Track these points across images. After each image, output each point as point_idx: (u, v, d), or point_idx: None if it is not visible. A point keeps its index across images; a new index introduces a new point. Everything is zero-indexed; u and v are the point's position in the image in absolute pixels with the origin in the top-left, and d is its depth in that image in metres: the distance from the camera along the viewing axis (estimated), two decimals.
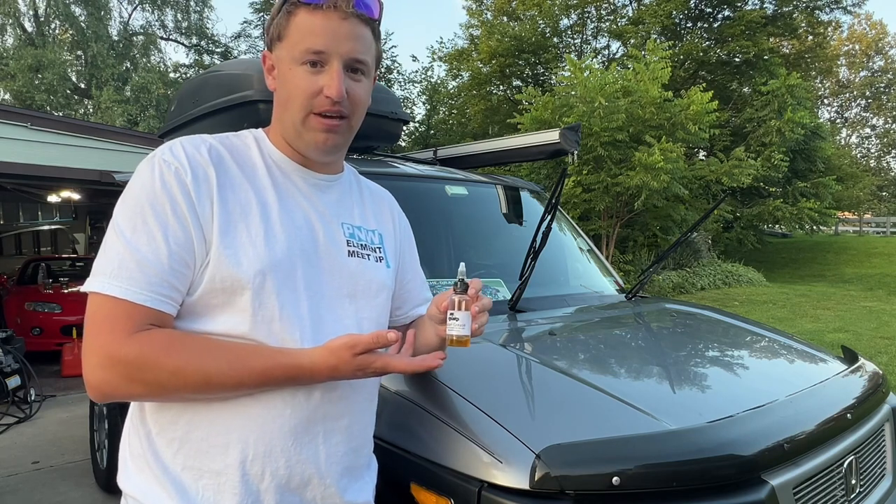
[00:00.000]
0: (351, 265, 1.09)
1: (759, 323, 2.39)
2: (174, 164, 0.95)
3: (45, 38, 20.82)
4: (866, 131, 37.79)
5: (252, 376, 0.93)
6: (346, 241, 1.09)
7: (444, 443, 1.30)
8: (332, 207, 1.10)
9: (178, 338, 0.93)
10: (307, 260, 1.02)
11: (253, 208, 0.99)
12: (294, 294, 1.00)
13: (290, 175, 1.07)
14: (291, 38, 0.99)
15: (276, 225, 1.00)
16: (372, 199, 1.22)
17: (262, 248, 0.97)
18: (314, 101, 0.99)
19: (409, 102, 21.57)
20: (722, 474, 1.23)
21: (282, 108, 1.04)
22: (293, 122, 1.02)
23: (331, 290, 1.05)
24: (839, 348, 2.25)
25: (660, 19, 17.81)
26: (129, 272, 0.90)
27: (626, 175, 10.30)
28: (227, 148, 1.03)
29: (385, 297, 1.16)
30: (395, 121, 2.96)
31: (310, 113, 1.00)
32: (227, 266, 0.94)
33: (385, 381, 1.50)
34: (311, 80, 0.99)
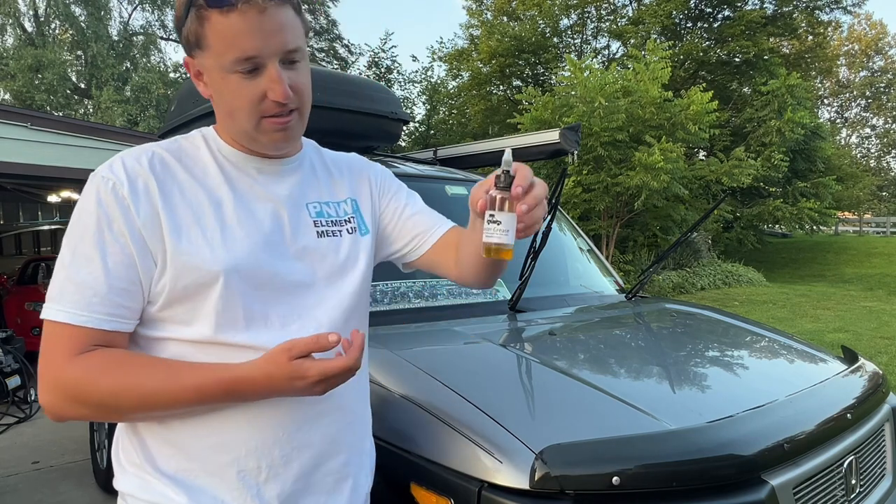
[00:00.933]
0: (322, 246, 1.05)
1: (759, 323, 2.39)
2: (111, 180, 0.92)
3: (45, 38, 20.82)
4: (866, 131, 37.82)
5: (187, 393, 0.90)
6: (314, 222, 1.05)
7: (444, 443, 1.30)
8: (294, 190, 1.05)
9: (118, 358, 0.91)
10: (273, 252, 0.99)
11: (206, 209, 0.96)
12: (260, 291, 0.97)
13: (245, 168, 1.02)
14: (214, 48, 0.91)
15: (234, 222, 0.97)
16: (338, 167, 1.17)
17: (220, 249, 0.94)
18: (261, 106, 0.94)
19: (409, 102, 21.56)
20: (722, 474, 1.23)
21: (227, 117, 0.99)
22: (244, 130, 0.97)
23: (305, 276, 1.01)
24: (839, 348, 2.25)
25: (660, 19, 17.81)
26: (70, 296, 0.89)
27: (626, 175, 10.30)
28: (174, 152, 1.00)
29: (365, 263, 1.10)
30: (395, 121, 2.96)
31: (260, 118, 0.95)
32: (185, 272, 0.92)
33: (385, 381, 1.50)
34: (250, 87, 0.92)
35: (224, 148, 1.03)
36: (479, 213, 0.94)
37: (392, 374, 1.51)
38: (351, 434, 1.09)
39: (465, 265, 1.11)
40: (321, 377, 0.88)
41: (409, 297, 2.12)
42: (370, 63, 20.72)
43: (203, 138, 1.04)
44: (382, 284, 2.10)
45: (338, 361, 0.88)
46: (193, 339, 0.94)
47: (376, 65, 20.72)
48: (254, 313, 0.96)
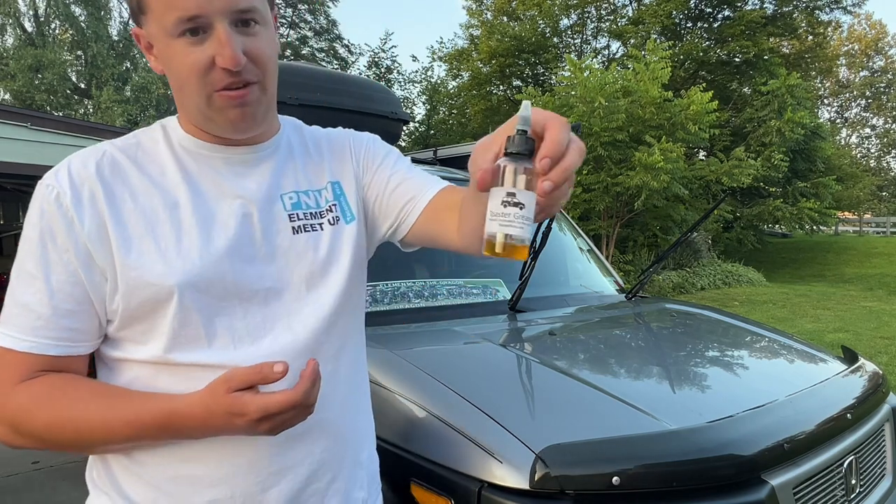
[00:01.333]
0: (299, 244, 0.91)
1: (759, 323, 2.39)
2: (55, 189, 0.83)
3: (45, 38, 20.83)
4: (866, 131, 37.83)
5: (121, 427, 0.80)
6: (290, 216, 0.92)
7: (444, 443, 1.30)
8: (266, 182, 0.92)
9: (59, 387, 0.82)
10: (239, 257, 0.86)
11: (160, 215, 0.85)
12: (225, 303, 0.85)
13: (209, 160, 0.90)
14: (155, 9, 0.80)
15: (192, 228, 0.85)
16: (318, 147, 1.01)
17: (175, 260, 0.83)
18: (210, 77, 0.80)
19: (409, 102, 21.56)
20: (722, 474, 1.23)
21: (178, 92, 0.86)
22: (196, 106, 0.84)
23: (278, 281, 0.89)
24: (839, 348, 2.25)
25: (660, 19, 17.81)
26: (14, 319, 0.82)
27: (626, 175, 10.30)
28: (129, 151, 0.88)
29: (351, 256, 0.96)
30: (395, 121, 2.97)
31: (211, 92, 0.82)
32: (137, 289, 0.82)
33: (385, 381, 1.50)
34: (196, 53, 0.79)
35: (184, 138, 0.90)
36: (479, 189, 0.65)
37: (392, 374, 1.51)
38: (342, 450, 0.95)
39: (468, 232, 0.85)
40: (262, 415, 0.74)
41: (409, 297, 2.12)
42: (370, 63, 20.74)
43: (162, 129, 0.92)
44: (382, 284, 2.10)
45: (280, 396, 0.74)
46: (151, 361, 0.85)
47: (376, 65, 20.73)
48: (217, 329, 0.85)
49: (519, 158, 0.61)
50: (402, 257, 2.30)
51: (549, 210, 0.67)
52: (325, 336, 0.92)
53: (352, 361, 0.99)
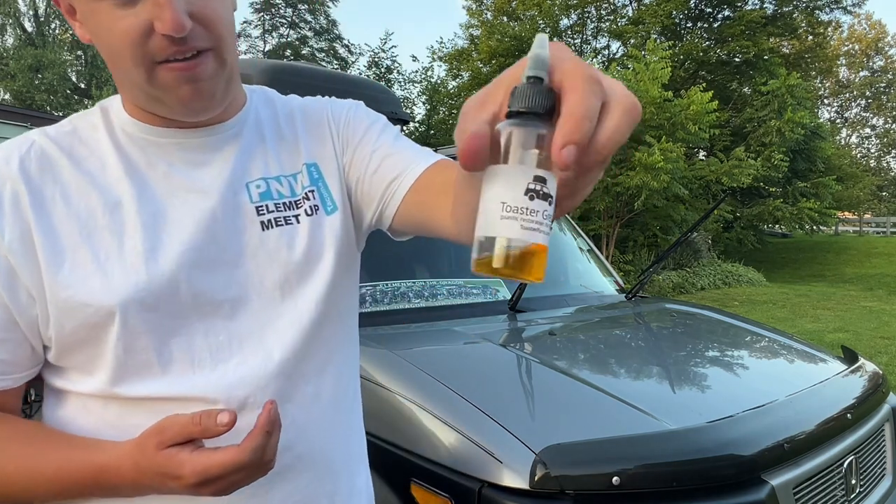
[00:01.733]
0: (270, 242, 0.74)
1: (759, 323, 2.40)
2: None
3: (45, 38, 20.85)
4: (866, 131, 37.85)
5: (43, 482, 0.67)
6: (257, 209, 0.75)
7: (444, 443, 1.30)
8: (229, 169, 0.75)
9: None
10: (200, 263, 0.70)
11: (99, 219, 0.69)
12: (181, 320, 0.70)
13: (158, 148, 0.73)
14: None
15: (137, 232, 0.69)
16: (291, 120, 0.83)
17: (116, 273, 0.67)
18: (148, 47, 0.63)
19: (409, 102, 21.57)
20: (722, 474, 1.23)
21: (113, 68, 0.68)
22: (136, 85, 0.67)
23: (245, 290, 0.73)
24: (839, 348, 2.25)
25: (660, 19, 17.82)
26: None
27: (626, 175, 10.31)
28: (62, 141, 0.73)
29: (334, 252, 0.78)
30: (395, 121, 2.97)
31: (153, 65, 0.65)
32: (69, 312, 0.67)
33: (385, 381, 1.50)
34: (128, 17, 0.62)
35: (127, 123, 0.73)
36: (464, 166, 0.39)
37: (392, 374, 1.51)
38: (335, 480, 0.80)
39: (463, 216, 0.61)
40: (201, 479, 0.61)
41: (409, 297, 2.12)
42: (370, 63, 20.77)
43: (101, 113, 0.75)
44: (382, 284, 2.10)
45: (222, 457, 0.61)
46: (98, 394, 0.70)
47: (376, 65, 20.76)
48: (173, 353, 0.70)
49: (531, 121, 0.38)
50: (401, 257, 2.30)
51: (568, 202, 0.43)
52: (305, 352, 0.76)
53: (338, 378, 0.82)
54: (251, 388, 0.71)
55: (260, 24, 23.24)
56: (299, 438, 0.74)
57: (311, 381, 0.77)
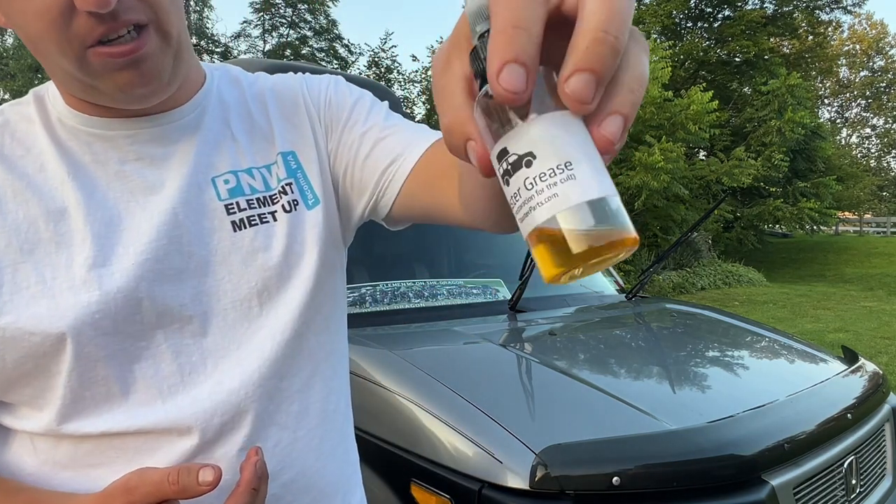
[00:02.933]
0: (244, 244, 0.64)
1: (759, 323, 2.40)
2: None
3: None
4: (866, 131, 37.84)
5: None
6: (226, 207, 0.65)
7: (444, 443, 1.30)
8: (189, 162, 0.64)
9: None
10: (162, 274, 0.60)
11: (41, 230, 0.58)
12: (143, 343, 0.60)
13: (105, 143, 0.62)
14: None
15: (86, 243, 0.58)
16: (261, 103, 0.71)
17: (65, 293, 0.57)
18: (72, 29, 0.52)
19: (409, 102, 21.57)
20: (722, 474, 1.23)
21: (36, 54, 0.57)
22: (66, 73, 0.56)
23: (221, 302, 0.63)
24: (839, 348, 2.25)
25: (660, 19, 17.82)
26: None
27: (627, 175, 10.31)
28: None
29: (318, 250, 0.68)
30: None
31: (81, 50, 0.53)
32: (12, 340, 0.56)
33: (385, 381, 1.50)
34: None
35: (66, 114, 0.62)
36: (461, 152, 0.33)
37: (392, 374, 1.51)
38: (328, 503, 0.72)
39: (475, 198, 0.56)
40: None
41: (409, 297, 2.12)
42: (370, 63, 20.75)
43: (36, 102, 0.64)
44: (382, 284, 2.10)
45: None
46: (46, 433, 0.60)
47: (376, 65, 20.74)
48: (137, 379, 0.60)
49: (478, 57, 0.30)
50: (401, 257, 2.30)
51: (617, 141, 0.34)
52: (289, 367, 0.67)
53: (327, 393, 0.72)
54: (230, 414, 0.62)
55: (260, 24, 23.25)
56: (286, 464, 0.65)
57: (297, 398, 0.68)
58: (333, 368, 0.74)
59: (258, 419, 0.64)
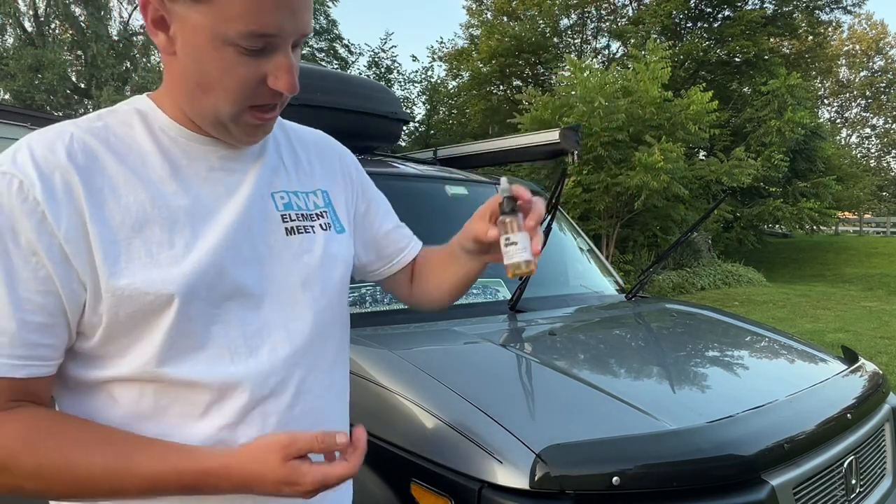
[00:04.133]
0: (293, 245, 0.85)
1: (759, 323, 2.39)
2: (17, 178, 0.69)
3: (45, 38, 20.82)
4: (866, 131, 37.83)
5: (135, 482, 0.70)
6: (282, 217, 0.85)
7: (444, 443, 1.30)
8: (257, 178, 0.84)
9: (46, 425, 0.71)
10: (237, 258, 0.78)
11: (149, 213, 0.74)
12: (221, 309, 0.77)
13: (200, 154, 0.80)
14: (221, 7, 0.68)
15: (186, 227, 0.76)
16: (308, 150, 0.95)
17: (171, 263, 0.73)
18: (254, 92, 0.74)
19: (409, 102, 21.56)
20: (722, 474, 1.23)
21: (194, 90, 0.75)
22: (217, 114, 0.75)
23: (275, 286, 0.82)
24: (839, 348, 2.25)
25: (660, 19, 17.81)
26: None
27: (626, 175, 10.30)
28: (99, 135, 0.76)
29: (342, 269, 0.92)
30: (395, 121, 2.96)
31: (245, 107, 0.75)
32: (127, 299, 0.71)
33: (385, 381, 1.50)
34: (249, 67, 0.72)
35: (169, 126, 0.79)
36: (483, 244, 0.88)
37: (392, 374, 1.51)
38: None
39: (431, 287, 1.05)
40: (318, 487, 0.72)
41: None
42: (370, 63, 20.74)
43: (137, 114, 0.80)
44: None
45: (339, 470, 0.72)
46: (136, 377, 0.74)
47: (376, 65, 20.73)
48: (213, 339, 0.76)
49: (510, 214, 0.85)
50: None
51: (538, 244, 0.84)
52: (322, 346, 0.88)
53: (343, 375, 0.95)
54: (281, 376, 0.81)
55: None
56: (316, 424, 0.83)
57: (326, 373, 0.89)
58: (346, 359, 0.97)
59: (300, 383, 0.83)
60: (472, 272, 0.99)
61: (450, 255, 1.00)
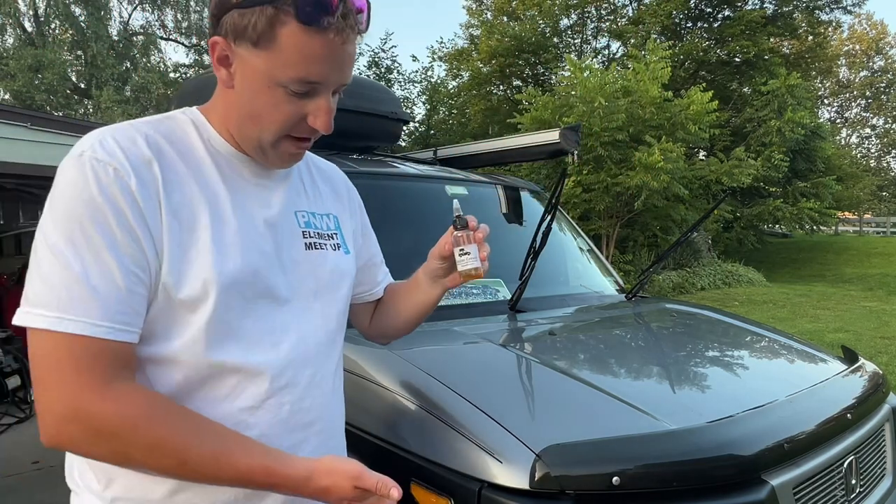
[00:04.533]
0: (310, 259, 0.98)
1: (759, 323, 2.39)
2: (111, 165, 0.78)
3: (45, 38, 20.81)
4: (866, 131, 37.81)
5: (230, 472, 0.79)
6: (302, 233, 0.98)
7: (444, 443, 1.30)
8: (284, 196, 0.97)
9: (164, 404, 0.79)
10: (266, 261, 0.90)
11: (202, 209, 0.85)
12: (252, 305, 0.88)
13: (238, 166, 0.92)
14: (277, 56, 0.80)
15: (231, 226, 0.87)
16: (323, 179, 1.10)
17: (219, 257, 0.84)
18: (295, 127, 0.87)
19: (409, 102, 21.53)
20: (722, 474, 1.23)
21: (244, 119, 0.88)
22: (259, 141, 0.88)
23: (293, 291, 0.94)
24: (839, 348, 2.25)
25: (660, 19, 17.81)
26: (81, 301, 0.74)
27: (626, 175, 10.30)
28: (165, 136, 0.87)
29: (347, 286, 1.05)
30: (395, 121, 2.96)
31: (284, 136, 0.88)
32: (181, 281, 0.81)
33: (384, 381, 1.50)
34: (294, 107, 0.85)
35: (216, 140, 0.91)
36: (446, 258, 1.07)
37: (392, 374, 1.51)
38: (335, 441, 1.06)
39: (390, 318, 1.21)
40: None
41: None
42: (370, 63, 20.71)
43: (192, 123, 0.91)
44: None
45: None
46: (175, 359, 0.83)
47: (376, 65, 20.70)
48: (245, 330, 0.87)
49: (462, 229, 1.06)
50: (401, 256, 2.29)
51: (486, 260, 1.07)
52: (327, 352, 1.00)
53: (341, 382, 1.08)
54: (295, 370, 0.93)
55: None
56: (321, 416, 0.97)
57: (330, 378, 1.01)
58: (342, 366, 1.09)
59: (310, 380, 0.95)
60: (433, 298, 1.15)
61: (414, 284, 1.17)
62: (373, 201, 1.33)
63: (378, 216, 1.32)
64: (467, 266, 1.04)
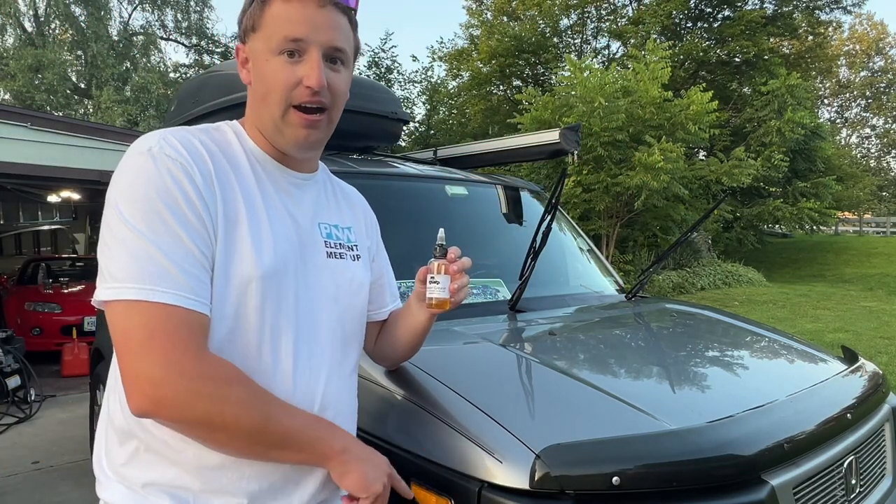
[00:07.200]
0: (331, 266, 1.06)
1: (759, 323, 2.39)
2: (179, 160, 0.89)
3: (45, 38, 20.81)
4: (866, 131, 37.82)
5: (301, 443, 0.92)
6: (325, 242, 1.07)
7: (444, 443, 1.30)
8: (309, 207, 1.07)
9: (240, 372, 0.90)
10: (293, 262, 0.99)
11: (242, 208, 0.95)
12: (278, 300, 0.96)
13: (271, 172, 1.02)
14: (267, 29, 0.95)
15: (265, 226, 0.96)
16: (344, 197, 1.20)
17: (253, 252, 0.93)
18: (293, 92, 0.95)
19: (409, 102, 21.53)
20: (722, 474, 1.23)
21: (259, 102, 0.99)
22: (272, 117, 0.97)
23: (314, 293, 1.02)
24: (839, 348, 2.25)
25: (660, 19, 17.81)
26: (170, 276, 0.84)
27: (626, 175, 10.31)
28: (216, 141, 0.99)
29: (364, 295, 1.14)
30: (395, 121, 2.96)
31: (289, 107, 0.96)
32: (226, 272, 0.91)
33: (385, 381, 1.50)
34: (289, 70, 0.94)
35: (253, 147, 1.02)
36: (422, 280, 1.15)
37: (392, 374, 1.51)
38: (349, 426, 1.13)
39: (389, 343, 1.29)
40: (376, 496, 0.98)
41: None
42: (370, 63, 20.71)
43: (233, 132, 1.03)
44: None
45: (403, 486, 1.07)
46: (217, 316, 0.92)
47: (376, 65, 20.71)
48: (272, 317, 0.96)
49: (440, 258, 1.12)
50: (401, 256, 2.29)
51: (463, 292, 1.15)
52: (344, 354, 1.09)
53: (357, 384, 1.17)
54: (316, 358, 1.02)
55: None
56: (338, 401, 1.06)
57: (346, 379, 1.11)
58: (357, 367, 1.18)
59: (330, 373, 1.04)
60: (422, 321, 1.22)
61: (406, 307, 1.24)
62: (373, 201, 1.33)
63: (378, 216, 1.32)
64: (432, 294, 1.11)
